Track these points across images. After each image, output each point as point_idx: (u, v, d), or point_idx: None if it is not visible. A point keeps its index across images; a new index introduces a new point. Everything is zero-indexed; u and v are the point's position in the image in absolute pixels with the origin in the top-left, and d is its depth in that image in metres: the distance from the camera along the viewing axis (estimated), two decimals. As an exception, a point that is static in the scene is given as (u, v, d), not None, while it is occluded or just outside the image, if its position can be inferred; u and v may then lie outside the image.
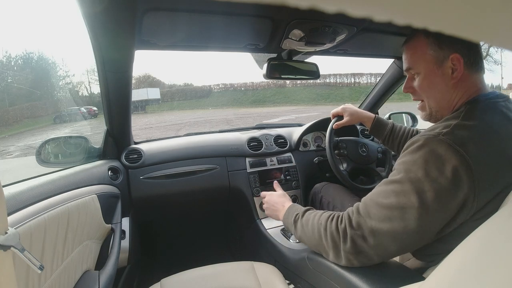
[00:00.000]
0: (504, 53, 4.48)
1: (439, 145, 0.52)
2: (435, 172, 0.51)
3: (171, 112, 21.28)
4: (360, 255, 0.59)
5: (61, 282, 0.62)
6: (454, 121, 0.56)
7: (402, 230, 0.53)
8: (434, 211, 0.51)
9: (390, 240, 0.55)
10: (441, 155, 0.51)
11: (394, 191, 0.55)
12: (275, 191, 0.96)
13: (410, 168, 0.54)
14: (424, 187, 0.52)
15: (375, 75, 20.72)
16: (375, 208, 0.57)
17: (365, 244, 0.57)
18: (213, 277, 0.80)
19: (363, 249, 0.58)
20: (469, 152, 0.51)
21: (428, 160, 0.52)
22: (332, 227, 0.63)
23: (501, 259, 0.25)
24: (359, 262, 0.59)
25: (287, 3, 0.10)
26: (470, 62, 0.60)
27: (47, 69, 14.14)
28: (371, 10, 0.10)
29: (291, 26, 0.78)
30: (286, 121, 10.87)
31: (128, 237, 1.02)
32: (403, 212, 0.53)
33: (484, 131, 0.54)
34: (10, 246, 0.38)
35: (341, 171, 1.10)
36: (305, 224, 0.71)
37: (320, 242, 0.66)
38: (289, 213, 0.80)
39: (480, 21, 0.10)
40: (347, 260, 0.60)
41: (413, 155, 0.55)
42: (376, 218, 0.56)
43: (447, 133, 0.54)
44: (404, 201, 0.53)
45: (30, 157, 4.66)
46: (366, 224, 0.57)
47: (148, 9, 0.64)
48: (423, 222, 0.52)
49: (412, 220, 0.52)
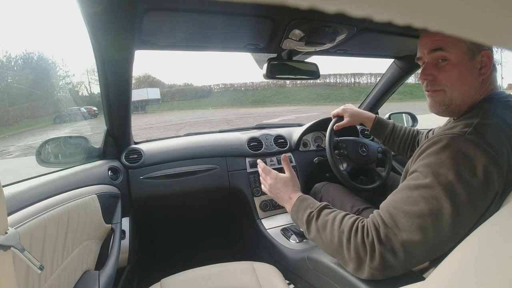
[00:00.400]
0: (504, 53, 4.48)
1: (466, 145, 0.50)
2: (467, 174, 0.48)
3: (171, 112, 21.29)
4: (387, 270, 0.54)
5: (61, 282, 0.61)
6: (474, 120, 0.54)
7: (435, 238, 0.50)
8: (466, 215, 0.49)
9: (421, 251, 0.51)
10: (470, 155, 0.49)
11: (423, 197, 0.51)
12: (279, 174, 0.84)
13: (439, 170, 0.50)
14: (457, 191, 0.48)
15: (375, 75, 20.74)
16: (404, 218, 0.52)
17: (394, 259, 0.52)
18: (213, 277, 0.80)
19: (391, 265, 0.53)
20: (496, 151, 0.49)
21: (458, 161, 0.49)
22: (358, 240, 0.57)
23: (502, 259, 0.25)
24: (383, 277, 0.55)
25: (287, 3, 0.10)
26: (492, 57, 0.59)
27: (47, 69, 14.15)
28: (371, 10, 0.10)
29: (291, 26, 0.78)
30: (286, 121, 10.87)
31: (128, 237, 1.02)
32: (436, 219, 0.49)
33: (503, 129, 0.54)
34: (10, 246, 0.38)
35: (341, 171, 1.10)
36: (322, 228, 0.64)
37: (340, 251, 0.60)
38: (299, 208, 0.72)
39: (480, 21, 0.10)
40: (370, 275, 0.55)
41: (439, 156, 0.51)
42: (407, 229, 0.51)
43: (471, 132, 0.51)
44: (436, 207, 0.49)
45: (30, 157, 4.66)
46: (396, 238, 0.52)
47: (148, 9, 0.64)
48: (456, 227, 0.49)
49: (446, 227, 0.49)
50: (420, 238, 0.50)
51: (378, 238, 0.54)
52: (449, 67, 0.59)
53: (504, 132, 0.53)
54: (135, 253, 1.11)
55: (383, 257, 0.53)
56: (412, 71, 1.30)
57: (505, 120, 0.55)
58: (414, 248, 0.51)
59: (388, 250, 0.53)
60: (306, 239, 1.07)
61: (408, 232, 0.51)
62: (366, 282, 0.59)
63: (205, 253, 1.61)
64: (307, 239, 1.07)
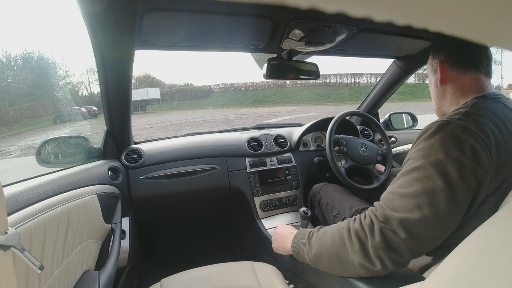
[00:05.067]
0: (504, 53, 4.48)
1: (455, 128, 0.54)
2: (456, 152, 0.52)
3: (171, 112, 21.29)
4: (392, 251, 0.54)
5: (61, 282, 0.61)
6: (463, 110, 0.58)
7: (433, 216, 0.52)
8: (459, 191, 0.51)
9: (421, 229, 0.53)
10: (458, 136, 0.53)
11: (416, 178, 0.54)
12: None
13: (429, 152, 0.54)
14: (447, 168, 0.51)
15: (375, 75, 20.74)
16: (400, 200, 0.55)
17: (395, 237, 0.54)
18: (213, 277, 0.80)
19: (394, 244, 0.54)
20: (483, 135, 0.53)
21: (446, 142, 0.53)
22: (356, 225, 0.59)
23: (501, 259, 0.25)
24: (392, 261, 0.55)
25: (287, 3, 0.10)
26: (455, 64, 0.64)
27: (47, 69, 14.15)
28: (371, 10, 0.10)
29: (291, 26, 0.78)
30: (286, 121, 10.87)
31: (128, 237, 1.02)
32: (431, 197, 0.52)
33: (493, 119, 0.56)
34: (10, 246, 0.38)
35: (338, 167, 1.10)
36: (322, 236, 0.66)
37: (343, 247, 0.60)
38: (299, 236, 0.74)
39: (480, 21, 0.10)
40: (377, 258, 0.55)
41: (429, 141, 0.55)
42: (404, 210, 0.54)
43: (460, 118, 0.55)
44: (430, 185, 0.52)
45: (29, 157, 4.66)
46: (393, 217, 0.54)
47: (148, 9, 0.64)
48: (452, 203, 0.51)
49: (441, 203, 0.51)
50: (417, 216, 0.52)
51: (376, 217, 0.57)
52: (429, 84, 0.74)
53: (491, 122, 0.56)
54: (135, 253, 1.11)
55: (383, 233, 0.54)
56: (412, 71, 1.30)
57: (493, 111, 0.58)
58: (413, 226, 0.53)
59: (387, 228, 0.54)
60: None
61: (405, 212, 0.53)
62: (366, 282, 0.59)
63: (205, 253, 1.61)
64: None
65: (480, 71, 0.64)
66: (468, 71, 0.64)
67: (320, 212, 1.11)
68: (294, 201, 1.29)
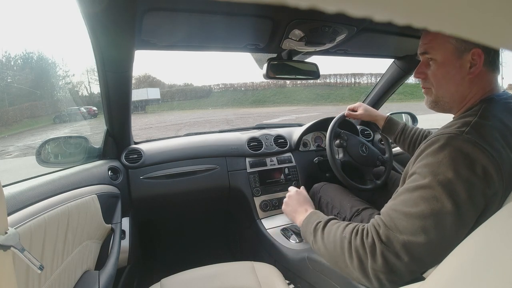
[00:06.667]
0: (504, 53, 4.44)
1: (464, 144, 0.50)
2: (466, 171, 0.48)
3: (171, 112, 21.27)
4: (392, 274, 0.52)
5: (61, 282, 0.61)
6: (471, 119, 0.54)
7: (439, 239, 0.49)
8: (467, 213, 0.48)
9: (425, 252, 0.50)
10: (468, 153, 0.49)
11: (423, 198, 0.50)
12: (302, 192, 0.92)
13: (437, 170, 0.50)
14: (456, 189, 0.48)
15: (375, 75, 20.73)
16: (404, 220, 0.51)
17: (398, 261, 0.51)
18: (213, 277, 0.80)
19: (396, 268, 0.52)
20: (494, 151, 0.49)
21: (456, 160, 0.49)
22: (357, 242, 0.56)
23: (501, 259, 0.25)
24: (390, 282, 0.53)
25: (287, 3, 0.10)
26: (489, 60, 0.58)
27: (47, 69, 14.13)
28: (371, 10, 0.10)
29: (291, 26, 0.78)
30: (286, 121, 10.87)
31: (128, 237, 1.02)
32: (438, 220, 0.49)
33: (502, 130, 0.53)
34: (10, 246, 0.38)
35: (335, 159, 1.11)
36: (326, 236, 0.65)
37: (342, 258, 0.59)
38: (309, 220, 0.73)
39: (480, 21, 0.10)
40: (376, 279, 0.54)
41: (437, 156, 0.51)
42: (408, 232, 0.50)
43: (469, 131, 0.51)
44: (438, 206, 0.49)
45: (29, 157, 4.65)
46: (397, 239, 0.51)
47: (148, 9, 0.64)
48: (459, 227, 0.48)
49: (448, 226, 0.48)
50: (422, 240, 0.49)
51: (378, 238, 0.54)
52: (435, 67, 0.62)
53: (501, 133, 0.52)
54: (135, 253, 1.11)
55: (385, 257, 0.52)
56: (412, 71, 1.30)
57: (502, 121, 0.54)
58: (417, 250, 0.50)
59: (390, 251, 0.52)
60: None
61: (409, 234, 0.50)
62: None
63: (205, 253, 1.61)
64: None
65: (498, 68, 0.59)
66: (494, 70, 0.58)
67: (320, 211, 1.10)
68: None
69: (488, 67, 0.59)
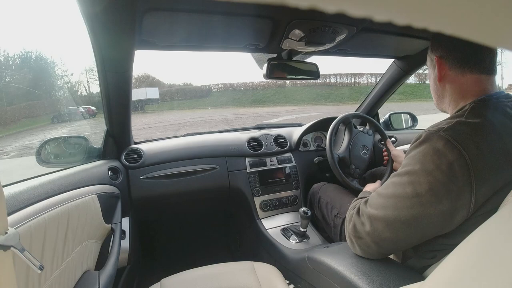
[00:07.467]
0: (504, 53, 4.49)
1: (438, 140, 0.55)
2: (431, 166, 0.54)
3: (171, 112, 21.26)
4: (359, 240, 0.64)
5: (61, 282, 0.61)
6: (457, 119, 0.57)
7: (395, 218, 0.57)
8: (427, 203, 0.54)
9: (383, 227, 0.59)
10: (438, 149, 0.54)
11: (393, 183, 0.60)
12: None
13: (410, 162, 0.58)
14: (419, 179, 0.54)
15: (375, 75, 20.75)
16: (375, 198, 0.63)
17: (362, 228, 0.63)
18: (213, 277, 0.80)
19: (360, 234, 0.64)
20: (467, 149, 0.52)
21: (426, 154, 0.55)
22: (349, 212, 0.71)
23: (501, 259, 0.25)
24: (360, 248, 0.65)
25: (287, 3, 0.10)
26: (456, 64, 0.61)
27: (46, 68, 14.12)
28: (371, 10, 0.10)
29: (291, 26, 0.78)
30: (286, 121, 10.87)
31: (128, 237, 1.02)
32: (396, 201, 0.57)
33: (485, 129, 0.55)
34: (10, 246, 0.38)
35: (333, 153, 1.11)
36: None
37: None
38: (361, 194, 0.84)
39: (480, 21, 0.10)
40: (350, 241, 0.68)
41: (415, 150, 0.58)
42: (373, 206, 0.62)
43: (447, 129, 0.55)
44: (399, 191, 0.57)
45: (26, 158, 4.64)
46: (366, 211, 0.63)
47: (148, 9, 0.64)
48: (415, 212, 0.55)
49: (404, 208, 0.56)
50: (381, 215, 0.59)
51: (357, 210, 0.67)
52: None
53: (483, 131, 0.54)
54: (135, 253, 1.11)
55: (355, 224, 0.66)
56: (412, 71, 1.30)
57: (488, 119, 0.56)
58: (377, 223, 0.60)
59: (358, 220, 0.65)
60: (306, 239, 1.07)
61: (374, 208, 0.62)
62: (366, 282, 0.59)
63: (205, 253, 1.61)
64: (307, 239, 1.07)
65: (481, 70, 0.60)
66: (468, 72, 0.60)
67: (319, 211, 1.11)
68: (294, 201, 1.29)
69: (457, 70, 0.61)
